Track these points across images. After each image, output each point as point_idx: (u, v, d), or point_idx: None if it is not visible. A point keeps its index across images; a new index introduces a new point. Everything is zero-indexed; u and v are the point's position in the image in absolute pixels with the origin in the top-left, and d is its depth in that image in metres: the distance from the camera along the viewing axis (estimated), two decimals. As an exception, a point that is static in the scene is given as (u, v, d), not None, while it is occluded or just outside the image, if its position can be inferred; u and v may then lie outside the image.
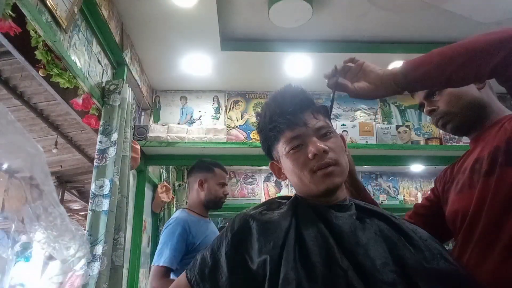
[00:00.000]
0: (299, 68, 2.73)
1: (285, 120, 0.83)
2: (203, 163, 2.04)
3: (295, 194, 0.89)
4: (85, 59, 1.82)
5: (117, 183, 1.77)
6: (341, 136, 0.88)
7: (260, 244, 0.74)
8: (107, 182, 1.73)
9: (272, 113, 0.85)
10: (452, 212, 0.98)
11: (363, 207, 0.86)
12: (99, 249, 1.61)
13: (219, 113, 3.04)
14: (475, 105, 0.99)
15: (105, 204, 1.69)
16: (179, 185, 3.75)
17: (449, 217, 0.99)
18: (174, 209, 3.58)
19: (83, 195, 5.72)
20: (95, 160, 1.79)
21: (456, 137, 2.71)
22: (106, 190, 1.72)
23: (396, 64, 2.70)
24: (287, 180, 0.90)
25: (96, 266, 1.57)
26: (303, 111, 0.84)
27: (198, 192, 1.97)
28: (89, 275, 1.55)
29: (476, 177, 0.91)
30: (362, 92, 0.89)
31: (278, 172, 0.91)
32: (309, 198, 0.84)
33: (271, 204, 0.88)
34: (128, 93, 2.02)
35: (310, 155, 0.79)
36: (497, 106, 1.01)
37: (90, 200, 1.70)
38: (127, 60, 2.26)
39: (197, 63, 2.67)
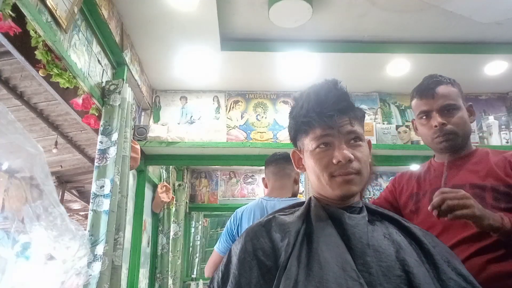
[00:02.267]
0: (299, 68, 2.73)
1: (321, 120, 0.82)
2: None
3: (310, 197, 0.91)
4: (85, 59, 1.82)
5: (118, 183, 1.77)
6: (369, 142, 0.88)
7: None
8: (107, 182, 1.73)
9: (310, 107, 0.83)
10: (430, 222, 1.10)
11: (374, 210, 0.87)
12: (100, 249, 1.61)
13: (219, 113, 3.03)
14: (469, 134, 1.19)
15: (106, 204, 1.69)
16: (179, 185, 3.75)
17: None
18: (174, 209, 3.57)
19: (83, 195, 5.72)
20: (95, 160, 1.79)
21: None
22: (107, 190, 1.72)
23: (396, 63, 2.69)
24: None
25: (97, 266, 1.57)
26: (341, 115, 0.82)
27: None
28: (90, 275, 1.55)
29: None
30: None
31: (297, 162, 0.92)
32: (323, 197, 0.86)
33: (287, 208, 0.92)
34: (128, 93, 2.02)
35: (334, 160, 0.79)
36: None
37: (91, 200, 1.70)
38: (127, 60, 2.26)
39: (197, 63, 2.66)
